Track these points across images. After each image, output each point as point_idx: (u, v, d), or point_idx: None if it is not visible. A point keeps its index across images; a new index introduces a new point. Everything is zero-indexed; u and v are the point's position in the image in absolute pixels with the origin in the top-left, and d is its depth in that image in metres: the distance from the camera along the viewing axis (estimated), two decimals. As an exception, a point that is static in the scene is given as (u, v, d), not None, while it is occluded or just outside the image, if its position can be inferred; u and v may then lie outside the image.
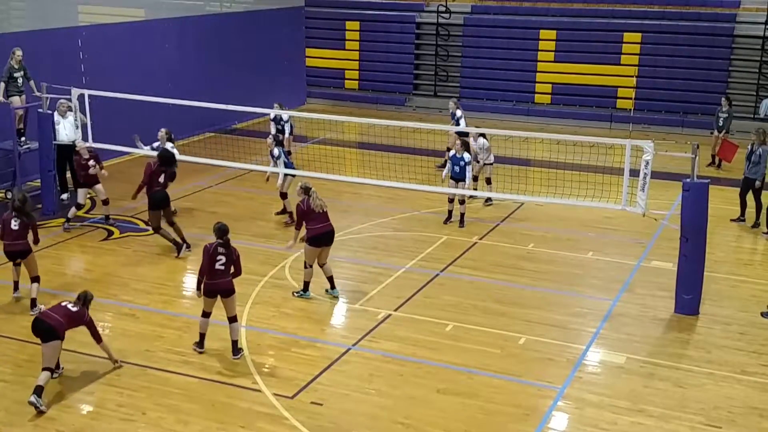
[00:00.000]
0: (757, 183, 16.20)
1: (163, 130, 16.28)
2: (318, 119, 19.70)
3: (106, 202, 15.73)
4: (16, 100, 16.43)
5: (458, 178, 15.80)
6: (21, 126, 16.65)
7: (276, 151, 15.76)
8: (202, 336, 10.93)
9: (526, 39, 26.73)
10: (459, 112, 18.84)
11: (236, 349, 10.82)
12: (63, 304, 10.09)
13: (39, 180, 16.53)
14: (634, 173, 12.98)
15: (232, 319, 10.84)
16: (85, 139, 16.40)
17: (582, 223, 16.28)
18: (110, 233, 15.47)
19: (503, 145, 19.47)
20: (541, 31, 26.67)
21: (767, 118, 22.18)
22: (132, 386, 10.11)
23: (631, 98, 24.40)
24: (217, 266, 10.63)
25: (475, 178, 16.85)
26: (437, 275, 13.63)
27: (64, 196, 17.17)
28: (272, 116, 19.02)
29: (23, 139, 16.68)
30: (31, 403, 9.46)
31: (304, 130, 22.10)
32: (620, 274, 13.90)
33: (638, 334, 11.73)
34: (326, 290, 12.75)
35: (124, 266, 13.90)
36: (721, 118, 20.59)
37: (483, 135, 16.91)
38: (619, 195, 13.47)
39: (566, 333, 11.70)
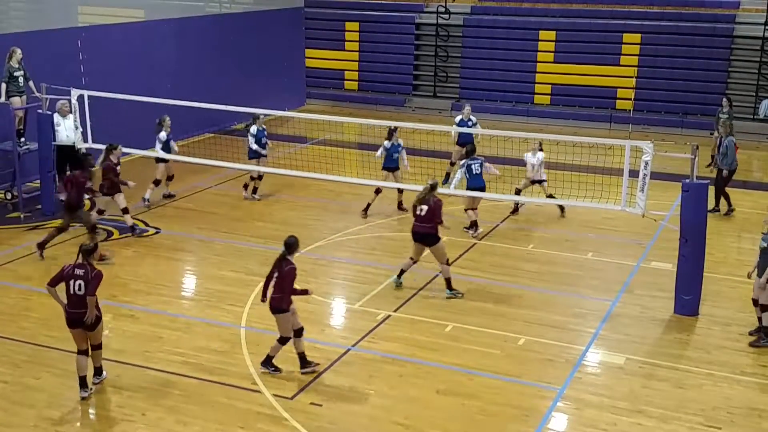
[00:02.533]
0: (724, 172, 16.72)
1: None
2: (318, 120, 19.68)
3: (100, 212, 15.31)
4: (17, 101, 16.43)
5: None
6: (21, 126, 16.66)
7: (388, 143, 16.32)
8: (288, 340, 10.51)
9: (526, 40, 26.76)
10: (474, 119, 18.89)
11: (304, 362, 10.45)
12: (71, 284, 9.55)
13: (39, 181, 16.54)
14: (634, 174, 13.00)
15: (295, 333, 10.35)
16: (84, 140, 16.43)
17: (582, 223, 16.28)
18: (110, 234, 15.48)
19: (503, 146, 19.47)
20: (540, 31, 26.70)
21: (767, 118, 22.19)
22: (131, 387, 10.10)
23: (630, 99, 24.42)
24: (274, 280, 10.22)
25: (517, 192, 16.80)
26: (437, 276, 13.62)
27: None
28: (254, 131, 17.59)
29: (23, 139, 16.68)
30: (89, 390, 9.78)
31: (303, 131, 22.11)
32: (620, 274, 13.91)
33: (638, 335, 11.74)
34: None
35: (123, 267, 13.90)
36: (722, 119, 20.56)
37: (541, 149, 16.61)
38: (619, 196, 13.49)
39: (566, 334, 11.71)
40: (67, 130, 16.53)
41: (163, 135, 16.97)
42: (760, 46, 24.46)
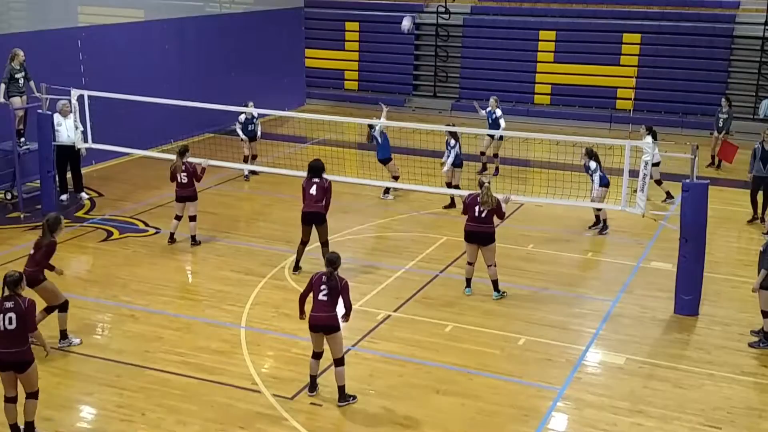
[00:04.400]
0: None
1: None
2: (317, 120, 19.68)
3: (178, 218, 14.84)
4: (17, 101, 16.42)
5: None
6: (21, 126, 16.66)
7: (452, 142, 16.50)
8: (312, 378, 9.99)
9: (526, 40, 26.75)
10: (499, 111, 18.89)
11: (342, 396, 9.80)
12: (2, 319, 8.50)
13: (39, 180, 16.54)
14: (634, 174, 13.00)
15: (337, 362, 9.75)
16: (85, 140, 16.42)
17: (582, 223, 16.27)
18: (110, 234, 15.48)
19: (502, 146, 19.48)
20: (540, 31, 26.69)
21: (767, 118, 22.18)
22: (131, 387, 10.10)
23: (630, 99, 24.41)
24: (320, 296, 9.62)
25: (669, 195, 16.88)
26: (437, 276, 13.63)
27: (64, 197, 17.17)
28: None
29: (23, 139, 16.68)
30: None
31: (303, 131, 22.11)
32: (620, 274, 13.90)
33: (638, 335, 11.74)
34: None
35: (123, 267, 13.89)
36: (721, 119, 20.58)
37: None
38: (619, 195, 13.49)
39: (566, 334, 11.71)
40: (68, 130, 16.54)
41: (242, 117, 18.50)
42: (760, 46, 24.45)
